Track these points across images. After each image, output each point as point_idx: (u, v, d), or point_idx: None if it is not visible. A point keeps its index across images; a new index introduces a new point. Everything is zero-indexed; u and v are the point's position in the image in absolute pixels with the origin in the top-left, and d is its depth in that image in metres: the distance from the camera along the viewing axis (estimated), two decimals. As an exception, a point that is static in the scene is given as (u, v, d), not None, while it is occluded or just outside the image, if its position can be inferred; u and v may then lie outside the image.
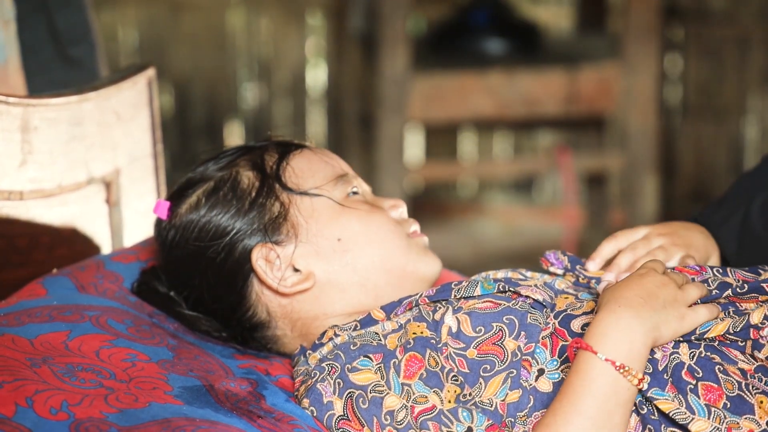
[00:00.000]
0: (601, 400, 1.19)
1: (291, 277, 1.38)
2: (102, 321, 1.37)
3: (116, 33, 4.03)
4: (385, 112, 3.55)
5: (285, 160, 1.42)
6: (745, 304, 1.30)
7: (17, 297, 1.43)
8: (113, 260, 1.53)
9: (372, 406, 1.27)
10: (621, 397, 1.19)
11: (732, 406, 1.23)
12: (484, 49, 3.75)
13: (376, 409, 1.26)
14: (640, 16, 3.57)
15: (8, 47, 1.86)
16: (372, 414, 1.26)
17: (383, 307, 1.36)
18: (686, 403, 1.22)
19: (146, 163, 1.75)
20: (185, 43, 4.08)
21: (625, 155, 3.61)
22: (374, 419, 1.26)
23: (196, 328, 1.43)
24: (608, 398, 1.19)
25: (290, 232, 1.39)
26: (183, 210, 1.41)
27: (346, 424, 1.27)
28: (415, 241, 1.44)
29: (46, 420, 1.18)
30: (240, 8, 4.11)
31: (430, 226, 3.63)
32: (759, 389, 1.25)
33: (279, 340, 1.42)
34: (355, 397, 1.27)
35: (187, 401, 1.26)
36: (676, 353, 1.26)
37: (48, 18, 2.04)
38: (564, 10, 4.27)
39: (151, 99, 1.74)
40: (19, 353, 1.27)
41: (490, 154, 4.34)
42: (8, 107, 1.52)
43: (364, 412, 1.27)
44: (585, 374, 1.19)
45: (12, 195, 1.55)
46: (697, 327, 1.26)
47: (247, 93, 4.16)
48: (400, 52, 3.51)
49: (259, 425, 1.25)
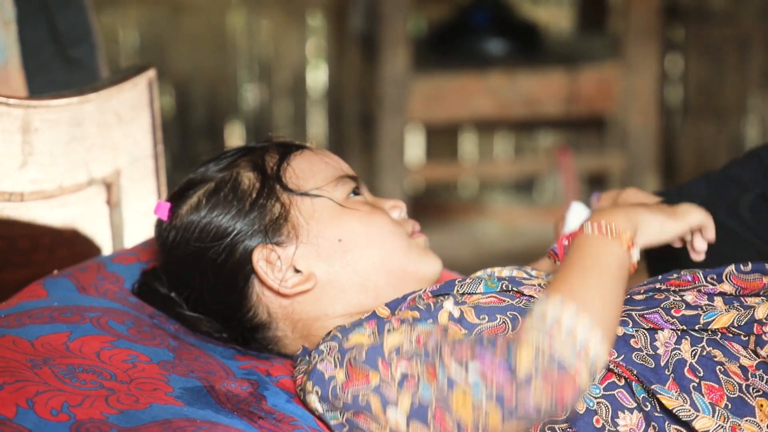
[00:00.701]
0: (594, 261, 1.25)
1: (292, 278, 1.38)
2: (103, 322, 1.37)
3: (117, 34, 4.03)
4: (386, 113, 3.55)
5: (285, 161, 1.42)
6: (750, 298, 1.31)
7: (18, 298, 1.43)
8: (114, 261, 1.53)
9: (371, 353, 1.24)
10: (608, 258, 1.26)
11: (733, 407, 1.23)
12: (485, 50, 3.76)
13: (377, 352, 1.24)
14: (641, 16, 3.57)
15: (9, 48, 1.86)
16: (374, 357, 1.24)
17: (388, 303, 1.36)
18: (690, 401, 1.22)
19: (147, 164, 1.75)
20: (186, 43, 4.08)
21: (626, 155, 3.61)
22: (378, 360, 1.23)
23: (196, 329, 1.43)
24: (599, 259, 1.26)
25: (291, 233, 1.38)
26: (184, 211, 1.41)
27: (350, 383, 1.24)
28: (416, 241, 1.44)
29: (47, 421, 1.18)
30: (240, 9, 4.11)
31: (430, 226, 3.63)
32: (759, 391, 1.25)
33: (280, 341, 1.42)
34: (353, 356, 1.26)
35: (187, 402, 1.26)
36: (678, 349, 1.27)
37: (48, 19, 2.04)
38: (564, 11, 4.27)
39: (152, 100, 1.74)
40: (19, 354, 1.27)
41: (490, 155, 4.34)
42: (9, 108, 1.52)
43: (364, 362, 1.24)
44: (580, 249, 1.27)
45: (13, 196, 1.55)
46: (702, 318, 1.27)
47: (247, 94, 4.16)
48: (401, 53, 3.51)
49: (260, 426, 1.25)
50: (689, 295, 1.31)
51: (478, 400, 1.18)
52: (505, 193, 4.39)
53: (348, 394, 1.24)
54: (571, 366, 1.17)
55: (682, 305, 1.29)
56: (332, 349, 1.28)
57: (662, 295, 1.31)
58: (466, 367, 1.19)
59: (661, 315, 1.28)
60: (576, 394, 1.18)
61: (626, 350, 1.26)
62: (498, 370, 1.19)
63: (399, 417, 1.22)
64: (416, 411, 1.21)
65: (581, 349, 1.18)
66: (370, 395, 1.23)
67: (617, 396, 1.26)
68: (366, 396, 1.23)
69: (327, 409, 1.27)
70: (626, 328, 1.28)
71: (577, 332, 1.19)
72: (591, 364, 1.18)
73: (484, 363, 1.19)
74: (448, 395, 1.19)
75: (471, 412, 1.19)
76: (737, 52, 3.72)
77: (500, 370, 1.19)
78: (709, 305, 1.30)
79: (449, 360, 1.20)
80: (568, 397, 1.18)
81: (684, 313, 1.28)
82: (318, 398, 1.27)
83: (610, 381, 1.26)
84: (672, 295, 1.31)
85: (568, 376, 1.17)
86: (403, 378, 1.22)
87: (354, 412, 1.25)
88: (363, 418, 1.24)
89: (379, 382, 1.23)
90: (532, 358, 1.18)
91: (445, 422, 1.20)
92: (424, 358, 1.22)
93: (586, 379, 1.18)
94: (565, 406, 1.18)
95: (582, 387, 1.18)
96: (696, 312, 1.28)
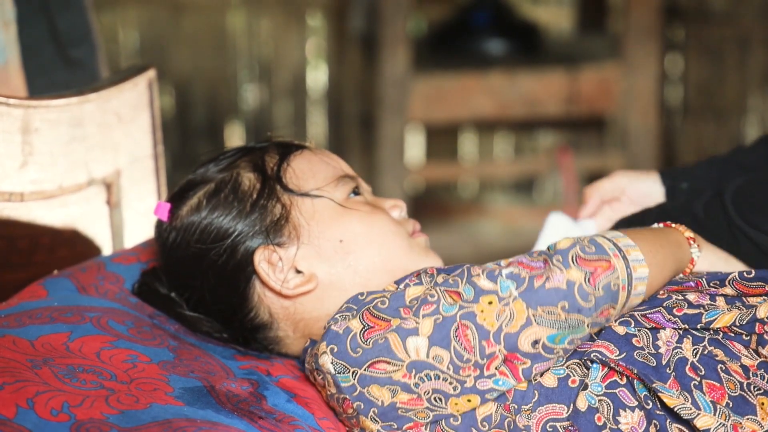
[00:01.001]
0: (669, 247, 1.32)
1: (293, 279, 1.38)
2: (103, 322, 1.37)
3: (117, 34, 4.03)
4: (386, 113, 3.55)
5: (285, 162, 1.42)
6: (752, 298, 1.31)
7: (18, 298, 1.43)
8: (114, 261, 1.53)
9: (393, 302, 1.28)
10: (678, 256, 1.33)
11: (734, 405, 1.23)
12: (485, 50, 3.76)
13: (399, 301, 1.28)
14: (641, 16, 3.57)
15: (9, 48, 1.86)
16: (396, 306, 1.27)
17: (396, 281, 1.37)
18: (692, 399, 1.23)
19: (147, 164, 1.75)
20: (186, 44, 4.08)
21: (626, 155, 3.61)
22: (400, 309, 1.26)
23: (197, 329, 1.43)
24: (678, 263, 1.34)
25: (292, 234, 1.38)
26: (184, 212, 1.41)
27: (371, 332, 1.26)
28: (417, 241, 1.44)
29: (47, 421, 1.18)
30: (240, 9, 4.11)
31: (430, 226, 3.63)
32: (761, 390, 1.25)
33: (281, 341, 1.42)
34: (372, 306, 1.28)
35: (188, 402, 1.26)
36: (679, 348, 1.27)
37: (49, 19, 2.04)
38: (564, 11, 4.27)
39: (152, 100, 1.74)
40: (20, 354, 1.27)
41: (490, 155, 4.34)
42: (9, 108, 1.52)
43: (386, 310, 1.27)
44: (676, 241, 1.34)
45: (13, 196, 1.55)
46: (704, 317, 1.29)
47: (247, 94, 4.16)
48: (401, 53, 3.51)
49: (261, 426, 1.25)
50: (691, 295, 1.32)
51: (504, 297, 1.22)
52: (505, 193, 4.39)
53: (370, 341, 1.26)
54: (610, 251, 1.24)
55: (684, 304, 1.29)
56: (346, 315, 1.30)
57: (664, 294, 1.31)
58: (499, 274, 1.24)
59: (663, 314, 1.28)
60: (609, 281, 1.22)
61: (628, 348, 1.26)
62: (533, 263, 1.24)
63: (420, 343, 1.24)
64: (438, 332, 1.23)
65: (623, 248, 1.25)
66: (388, 335, 1.25)
67: (618, 394, 1.26)
68: (384, 336, 1.25)
69: (339, 369, 1.27)
70: (628, 328, 1.28)
71: (620, 240, 1.26)
72: (629, 268, 1.24)
73: (520, 263, 1.25)
74: (473, 306, 1.22)
75: (495, 315, 1.22)
76: (737, 52, 3.72)
77: (536, 262, 1.24)
78: (711, 305, 1.30)
79: (480, 276, 1.24)
80: (601, 278, 1.22)
81: (686, 312, 1.28)
82: (332, 357, 1.27)
83: (611, 379, 1.27)
84: (674, 295, 1.31)
85: (604, 258, 1.23)
86: (422, 304, 1.25)
87: (370, 363, 1.25)
88: (379, 365, 1.25)
89: (400, 323, 1.25)
90: (573, 241, 1.24)
91: (468, 336, 1.22)
92: (447, 286, 1.26)
93: (621, 274, 1.23)
94: (596, 286, 1.21)
95: (619, 277, 1.22)
96: (698, 311, 1.29)
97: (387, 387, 1.25)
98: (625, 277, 1.23)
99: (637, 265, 1.25)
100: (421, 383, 1.24)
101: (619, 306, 1.24)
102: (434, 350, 1.23)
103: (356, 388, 1.26)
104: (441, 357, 1.23)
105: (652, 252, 1.27)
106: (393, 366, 1.24)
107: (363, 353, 1.25)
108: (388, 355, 1.24)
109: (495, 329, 1.21)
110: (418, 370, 1.24)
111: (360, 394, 1.26)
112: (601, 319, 1.24)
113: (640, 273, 1.25)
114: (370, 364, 1.25)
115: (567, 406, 1.26)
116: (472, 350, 1.22)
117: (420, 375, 1.24)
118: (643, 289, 1.26)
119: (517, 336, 1.21)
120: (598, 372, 1.26)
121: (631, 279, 1.24)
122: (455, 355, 1.23)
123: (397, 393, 1.25)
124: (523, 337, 1.21)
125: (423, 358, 1.23)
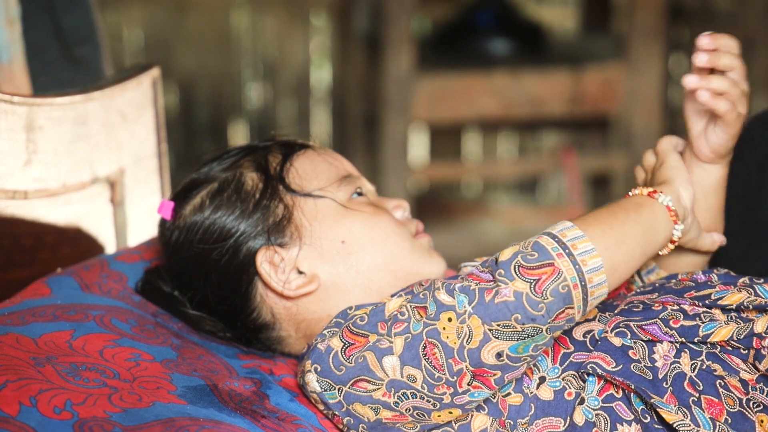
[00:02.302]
0: (642, 227, 1.29)
1: (295, 280, 1.38)
2: (106, 320, 1.37)
3: (121, 33, 4.03)
4: (390, 113, 3.55)
5: (288, 161, 1.42)
6: (749, 312, 1.30)
7: (21, 296, 1.43)
8: (117, 260, 1.53)
9: (373, 316, 1.28)
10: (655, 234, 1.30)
11: (733, 422, 1.22)
12: (489, 50, 3.76)
13: (378, 316, 1.27)
14: (645, 16, 3.57)
15: (13, 47, 1.86)
16: (374, 322, 1.27)
17: (392, 295, 1.37)
18: (691, 416, 1.22)
19: (151, 162, 1.75)
20: (190, 43, 4.08)
21: (630, 156, 3.61)
22: (378, 324, 1.26)
23: (200, 328, 1.43)
24: (645, 224, 1.30)
25: (294, 235, 1.38)
26: (187, 211, 1.41)
27: (352, 349, 1.26)
28: (420, 241, 1.44)
29: (50, 419, 1.18)
30: (245, 8, 4.12)
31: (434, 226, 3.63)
32: (760, 406, 1.24)
33: (283, 341, 1.42)
34: (351, 323, 1.28)
35: (190, 401, 1.26)
36: (677, 363, 1.26)
37: (53, 18, 2.05)
38: (569, 11, 4.27)
39: (156, 99, 1.74)
40: (23, 352, 1.27)
41: (494, 155, 4.34)
42: (13, 106, 1.52)
43: (364, 326, 1.27)
44: (635, 205, 1.30)
45: (17, 194, 1.55)
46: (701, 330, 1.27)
47: (251, 93, 4.16)
48: (405, 53, 3.51)
49: (263, 425, 1.25)
50: (686, 304, 1.30)
51: (461, 314, 1.20)
52: (509, 193, 4.39)
53: (351, 359, 1.26)
54: (554, 251, 1.21)
55: (680, 315, 1.28)
56: (334, 331, 1.30)
57: (659, 305, 1.30)
58: (454, 288, 1.23)
59: (659, 326, 1.27)
60: (557, 286, 1.19)
61: (624, 361, 1.25)
62: (483, 275, 1.23)
63: (394, 362, 1.23)
64: (408, 351, 1.23)
65: (569, 243, 1.22)
66: (365, 353, 1.25)
67: (615, 408, 1.25)
68: (363, 354, 1.25)
69: (325, 387, 1.27)
70: (624, 339, 1.27)
71: (567, 234, 1.23)
72: (577, 264, 1.20)
73: (471, 276, 1.23)
74: (435, 323, 1.22)
75: (455, 333, 1.21)
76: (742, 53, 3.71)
77: (485, 274, 1.23)
78: (707, 313, 1.29)
79: (440, 291, 1.23)
80: (547, 284, 1.19)
81: (683, 324, 1.27)
82: (316, 376, 1.27)
83: (608, 393, 1.26)
84: (670, 305, 1.30)
85: (546, 263, 1.20)
86: (395, 322, 1.25)
87: (353, 381, 1.26)
88: (361, 384, 1.25)
89: (377, 339, 1.25)
90: (516, 249, 1.22)
91: (435, 355, 1.22)
92: (417, 302, 1.25)
93: (568, 273, 1.20)
94: (543, 293, 1.19)
95: (566, 278, 1.20)
96: (694, 322, 1.27)
97: (369, 405, 1.26)
98: (574, 275, 1.20)
99: (587, 257, 1.21)
100: (401, 402, 1.25)
101: (578, 304, 1.21)
102: (407, 369, 1.23)
103: (343, 404, 1.27)
104: (414, 376, 1.23)
105: (604, 234, 1.24)
106: (373, 385, 1.25)
107: (346, 371, 1.26)
108: (368, 373, 1.25)
109: (458, 347, 1.21)
110: (396, 389, 1.24)
111: (347, 410, 1.27)
112: (560, 322, 1.22)
113: (591, 264, 1.21)
114: (353, 382, 1.26)
115: (564, 419, 1.26)
116: (442, 368, 1.22)
117: (398, 394, 1.24)
118: (602, 279, 1.22)
119: (479, 351, 1.21)
120: (595, 385, 1.25)
121: (582, 275, 1.20)
122: (427, 374, 1.23)
123: (380, 411, 1.26)
124: (485, 352, 1.21)
125: (399, 378, 1.24)
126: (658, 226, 1.31)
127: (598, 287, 1.22)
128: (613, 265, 1.24)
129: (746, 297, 1.28)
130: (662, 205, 1.32)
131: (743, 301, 1.28)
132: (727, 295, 1.29)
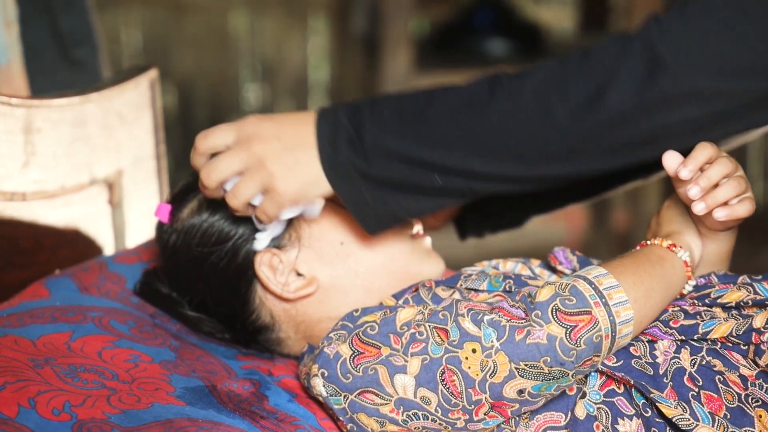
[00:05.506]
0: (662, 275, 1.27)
1: (294, 282, 1.38)
2: (104, 322, 1.37)
3: (119, 34, 4.03)
4: (388, 113, 3.54)
5: (287, 162, 1.42)
6: (748, 309, 1.30)
7: (20, 298, 1.43)
8: (116, 261, 1.53)
9: (383, 327, 1.26)
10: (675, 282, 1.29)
11: (732, 417, 1.22)
12: (487, 50, 3.75)
13: (389, 327, 1.26)
14: (643, 16, 3.56)
15: (11, 49, 1.86)
16: (386, 332, 1.25)
17: (393, 295, 1.36)
18: (690, 410, 1.22)
19: (149, 164, 1.75)
20: (188, 44, 4.08)
21: (628, 156, 3.60)
22: (390, 336, 1.25)
23: (198, 329, 1.43)
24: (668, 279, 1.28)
25: (293, 237, 1.38)
26: (185, 214, 1.40)
27: (361, 358, 1.25)
28: (418, 242, 1.44)
29: (49, 421, 1.18)
30: (243, 9, 4.12)
31: (433, 226, 3.62)
32: (759, 401, 1.24)
33: (283, 343, 1.42)
34: (362, 331, 1.26)
35: (189, 402, 1.26)
36: (677, 358, 1.26)
37: (51, 20, 2.05)
38: (567, 11, 4.27)
39: (154, 100, 1.74)
40: (21, 354, 1.27)
41: (493, 155, 4.33)
42: (11, 108, 1.52)
43: (376, 336, 1.26)
44: (658, 258, 1.28)
45: (15, 196, 1.55)
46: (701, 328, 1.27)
47: (249, 94, 4.16)
48: (403, 53, 3.51)
49: (262, 426, 1.25)
50: (687, 305, 1.31)
51: (487, 348, 1.20)
52: (508, 194, 4.38)
53: (359, 368, 1.25)
54: (591, 300, 1.20)
55: (681, 315, 1.28)
56: (340, 334, 1.29)
57: None
58: (481, 320, 1.22)
59: (659, 327, 1.28)
60: (591, 335, 1.19)
61: (625, 357, 1.25)
62: (514, 310, 1.22)
63: (407, 382, 1.23)
64: (425, 373, 1.22)
65: (605, 292, 1.21)
66: (377, 366, 1.24)
67: (617, 403, 1.25)
68: (374, 367, 1.24)
69: (331, 392, 1.27)
70: None
71: (603, 282, 1.22)
72: (612, 315, 1.20)
73: (501, 310, 1.22)
74: (458, 352, 1.21)
75: (479, 365, 1.20)
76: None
77: (517, 310, 1.22)
78: (707, 311, 1.30)
79: (465, 318, 1.22)
80: (583, 332, 1.19)
81: (682, 324, 1.27)
82: (323, 381, 1.27)
83: (609, 388, 1.26)
84: (671, 307, 1.30)
85: (585, 310, 1.20)
86: (412, 341, 1.23)
87: (360, 391, 1.25)
88: (368, 395, 1.25)
89: (390, 353, 1.24)
90: (553, 291, 1.22)
91: (454, 382, 1.21)
92: (436, 322, 1.24)
93: (603, 324, 1.20)
94: (577, 341, 1.19)
95: (601, 329, 1.19)
96: (694, 321, 1.27)
97: (374, 418, 1.25)
98: (608, 326, 1.20)
99: (621, 309, 1.21)
100: (410, 421, 1.24)
101: (603, 353, 1.22)
102: (422, 391, 1.23)
103: (347, 412, 1.26)
104: (429, 399, 1.23)
105: (635, 286, 1.24)
106: (381, 399, 1.24)
107: (353, 380, 1.25)
108: (377, 387, 1.24)
109: (480, 378, 1.21)
110: (406, 408, 1.24)
111: (351, 418, 1.27)
112: (585, 368, 1.22)
113: (624, 317, 1.22)
114: (360, 392, 1.25)
115: (565, 414, 1.26)
116: (460, 396, 1.22)
117: (408, 413, 1.24)
118: (629, 330, 1.23)
119: (502, 386, 1.21)
120: (596, 380, 1.26)
121: (614, 326, 1.21)
122: (443, 398, 1.22)
123: (386, 425, 1.26)
124: (507, 388, 1.21)
125: (411, 397, 1.23)
126: (677, 281, 1.30)
127: (623, 338, 1.23)
128: (640, 318, 1.24)
129: (746, 294, 1.28)
130: (681, 261, 1.30)
131: (743, 298, 1.28)
132: (726, 293, 1.29)
